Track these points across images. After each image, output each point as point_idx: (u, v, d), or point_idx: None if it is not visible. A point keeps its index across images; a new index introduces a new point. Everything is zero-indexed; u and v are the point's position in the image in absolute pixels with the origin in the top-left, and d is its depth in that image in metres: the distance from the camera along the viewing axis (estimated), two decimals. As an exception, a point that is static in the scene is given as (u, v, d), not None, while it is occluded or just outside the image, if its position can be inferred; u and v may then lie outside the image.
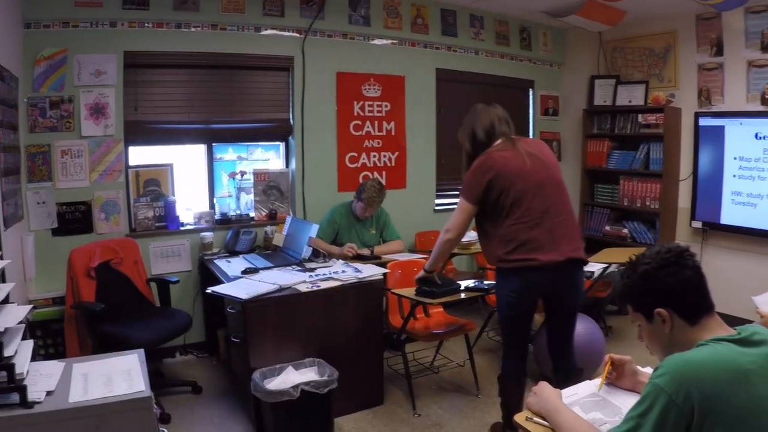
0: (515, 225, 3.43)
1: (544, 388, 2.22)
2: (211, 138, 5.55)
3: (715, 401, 1.57)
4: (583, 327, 4.80)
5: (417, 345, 5.16)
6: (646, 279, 1.89)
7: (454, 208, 3.66)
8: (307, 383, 3.72)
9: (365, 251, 5.30)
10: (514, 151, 3.51)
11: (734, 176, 6.29)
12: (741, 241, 6.34)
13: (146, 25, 4.96)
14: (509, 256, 3.44)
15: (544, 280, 3.48)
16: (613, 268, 5.43)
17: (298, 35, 5.65)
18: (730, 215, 6.37)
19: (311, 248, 4.90)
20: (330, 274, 4.45)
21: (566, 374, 3.71)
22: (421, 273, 4.03)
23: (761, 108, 6.12)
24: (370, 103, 6.21)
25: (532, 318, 3.75)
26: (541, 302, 3.74)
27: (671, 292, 1.85)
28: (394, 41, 6.29)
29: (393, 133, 6.41)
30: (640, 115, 6.93)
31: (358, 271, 4.55)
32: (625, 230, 7.21)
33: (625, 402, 2.15)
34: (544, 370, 4.51)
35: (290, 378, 3.85)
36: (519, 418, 2.17)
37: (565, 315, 3.74)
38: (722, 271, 6.34)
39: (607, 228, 7.39)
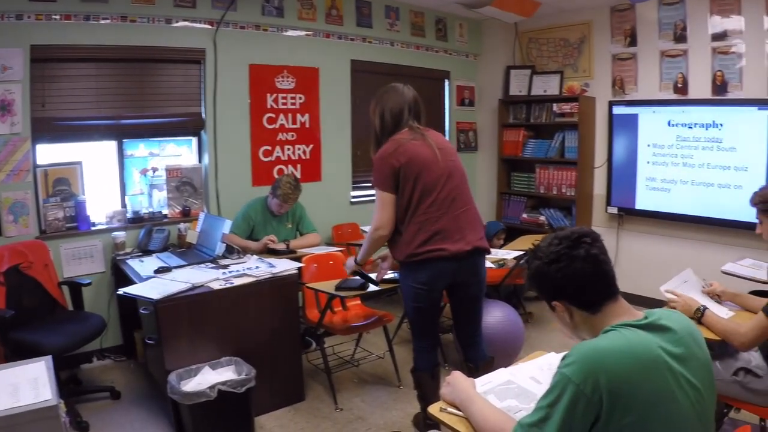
0: (424, 215, 3.51)
1: (457, 378, 2.27)
2: (121, 134, 5.48)
3: (624, 388, 1.61)
4: (503, 314, 5.00)
5: (337, 339, 5.28)
6: (538, 275, 1.95)
7: (370, 200, 3.71)
8: (224, 383, 3.74)
9: (281, 246, 5.34)
10: (423, 141, 3.58)
11: (648, 163, 6.66)
12: (656, 225, 6.73)
13: (54, 17, 4.85)
14: (419, 249, 3.51)
15: (451, 269, 3.58)
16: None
17: (210, 27, 5.63)
18: (644, 200, 6.76)
19: (225, 245, 4.91)
20: (243, 270, 4.48)
21: (476, 363, 3.84)
22: (351, 263, 4.00)
23: (674, 96, 6.49)
24: (284, 95, 6.23)
25: (439, 309, 3.87)
26: (445, 293, 3.84)
27: (561, 287, 1.91)
28: (308, 33, 6.34)
29: (307, 126, 6.45)
30: (555, 105, 7.22)
31: (272, 266, 4.58)
32: (542, 217, 7.50)
33: (541, 388, 2.19)
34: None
35: (207, 378, 3.86)
36: (433, 409, 2.21)
37: (469, 303, 3.85)
38: (638, 255, 6.79)
39: (525, 216, 7.68)
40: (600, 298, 1.88)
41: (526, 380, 2.36)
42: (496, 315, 5.00)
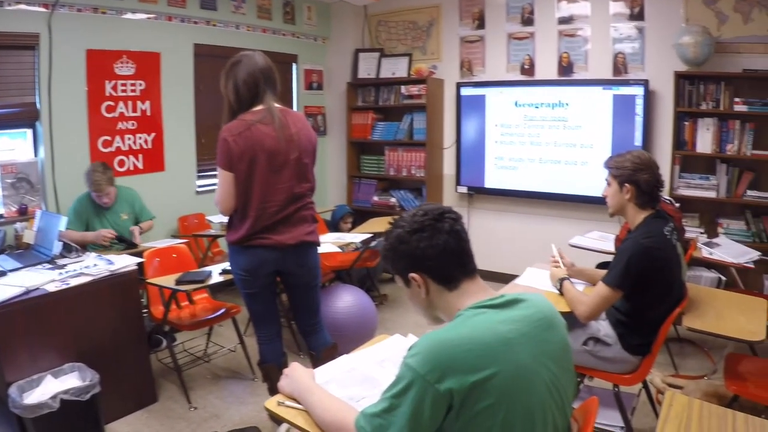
0: (256, 211, 3.58)
1: (295, 369, 2.29)
2: (-52, 127, 5.20)
3: (474, 376, 1.63)
4: (353, 298, 5.17)
5: (189, 334, 5.29)
6: (399, 243, 1.97)
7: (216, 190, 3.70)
8: (66, 391, 3.64)
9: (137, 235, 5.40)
10: (272, 127, 3.57)
11: (496, 142, 7.10)
12: (505, 203, 7.21)
13: None
14: (244, 239, 3.62)
15: (273, 258, 3.69)
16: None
17: (44, 10, 5.44)
18: (493, 179, 7.21)
19: (62, 243, 4.76)
20: (81, 269, 4.32)
21: (318, 351, 3.97)
22: None
23: (521, 77, 6.94)
24: (124, 82, 6.13)
25: (272, 297, 3.94)
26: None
27: (423, 258, 1.92)
28: (149, 15, 6.25)
29: (149, 114, 6.38)
30: (403, 87, 7.53)
31: (110, 263, 4.45)
32: (393, 199, 7.83)
33: (384, 374, 2.29)
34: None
35: (49, 388, 3.74)
36: (270, 404, 2.20)
37: (302, 292, 3.98)
38: (489, 232, 7.23)
39: (376, 198, 7.98)
40: (459, 274, 1.94)
41: (369, 366, 2.41)
42: (346, 299, 5.16)
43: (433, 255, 1.91)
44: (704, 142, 6.00)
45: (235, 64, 3.66)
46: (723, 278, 5.64)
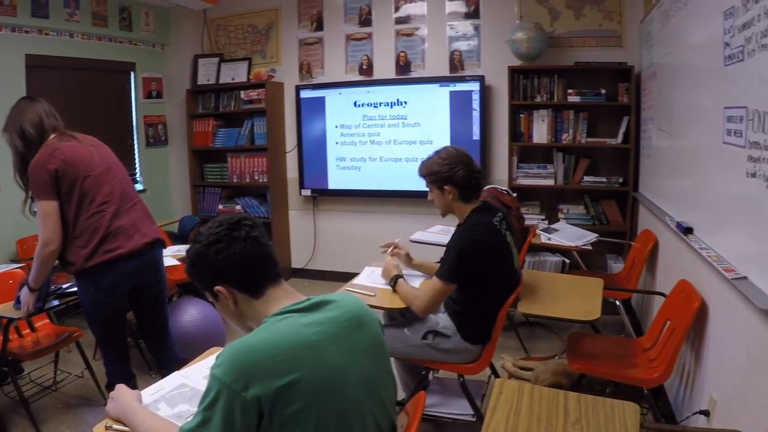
0: (95, 216, 3.57)
1: (120, 391, 2.29)
2: None
3: (279, 383, 1.69)
4: (198, 311, 5.21)
5: (37, 363, 5.11)
6: (198, 258, 2.02)
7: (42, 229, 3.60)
8: None
9: None
10: (76, 141, 3.62)
11: (337, 143, 7.43)
12: (350, 203, 7.55)
13: None
14: (96, 253, 3.55)
15: (134, 269, 3.68)
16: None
17: None
18: (336, 180, 7.51)
19: None
20: None
21: (170, 368, 3.79)
22: (25, 291, 3.83)
23: (359, 78, 7.30)
24: None
25: (125, 314, 3.96)
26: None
27: (224, 268, 1.98)
28: None
29: None
30: (243, 92, 7.64)
31: None
32: (238, 207, 7.92)
33: None
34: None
35: None
36: (98, 429, 2.18)
37: (154, 306, 4.04)
38: (335, 233, 7.59)
39: (221, 207, 8.03)
40: (262, 280, 2.02)
41: (199, 381, 2.44)
42: (191, 313, 5.17)
43: (233, 264, 1.98)
44: (540, 132, 6.52)
45: (12, 114, 3.67)
46: (567, 261, 6.17)
